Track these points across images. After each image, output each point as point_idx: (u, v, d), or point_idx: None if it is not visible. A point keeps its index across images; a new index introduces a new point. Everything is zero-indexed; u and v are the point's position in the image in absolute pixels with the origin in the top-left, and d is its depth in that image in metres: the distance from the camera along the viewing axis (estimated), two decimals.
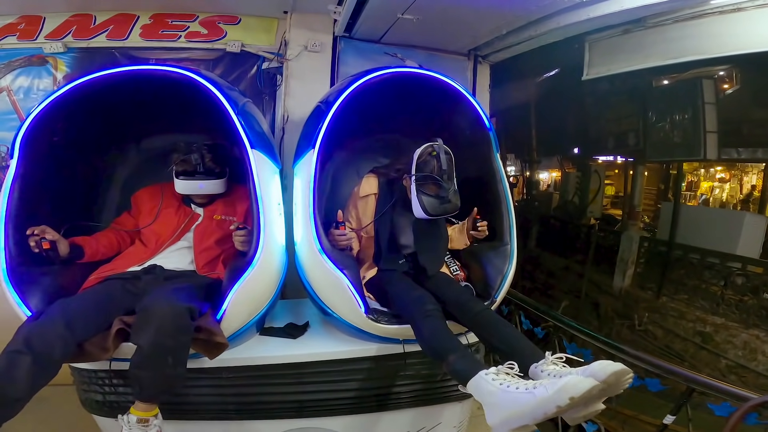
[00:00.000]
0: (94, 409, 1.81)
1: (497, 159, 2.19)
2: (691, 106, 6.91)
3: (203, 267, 1.94)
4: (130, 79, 1.81)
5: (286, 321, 2.17)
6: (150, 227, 1.97)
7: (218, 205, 2.08)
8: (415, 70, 2.14)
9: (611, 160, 11.80)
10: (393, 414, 2.05)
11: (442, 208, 1.95)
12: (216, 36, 2.87)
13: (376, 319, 1.85)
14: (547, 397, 1.21)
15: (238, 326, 1.76)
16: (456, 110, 2.25)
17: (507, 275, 2.02)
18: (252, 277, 1.69)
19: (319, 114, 1.99)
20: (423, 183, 1.95)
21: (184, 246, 1.99)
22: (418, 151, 1.98)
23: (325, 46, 2.95)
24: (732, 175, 12.04)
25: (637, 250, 7.85)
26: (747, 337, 5.76)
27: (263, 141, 1.93)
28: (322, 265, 1.82)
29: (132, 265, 1.88)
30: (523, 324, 2.93)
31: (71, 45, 2.74)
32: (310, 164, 1.90)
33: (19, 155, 1.69)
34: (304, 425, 1.96)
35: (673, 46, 2.61)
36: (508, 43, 3.01)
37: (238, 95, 1.98)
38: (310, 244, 1.85)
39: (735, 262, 6.54)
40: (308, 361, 1.91)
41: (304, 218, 1.88)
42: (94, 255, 1.88)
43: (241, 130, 1.77)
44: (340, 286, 1.81)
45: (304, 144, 2.04)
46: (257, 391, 1.88)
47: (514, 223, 2.12)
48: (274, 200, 1.88)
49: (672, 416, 1.89)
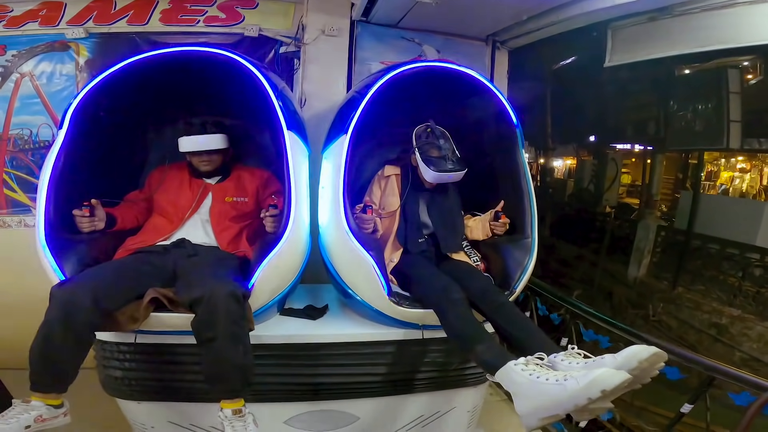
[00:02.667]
0: (113, 389, 1.83)
1: (522, 154, 2.21)
2: (715, 95, 6.77)
3: (227, 246, 1.99)
4: (173, 61, 1.89)
5: (306, 303, 2.20)
6: (167, 200, 2.03)
7: (228, 185, 2.13)
8: (445, 65, 2.18)
9: (629, 149, 11.60)
10: (408, 398, 2.07)
11: (449, 165, 2.07)
12: (234, 20, 2.87)
13: (398, 303, 1.87)
14: (578, 389, 1.21)
15: (263, 303, 1.79)
16: (483, 105, 2.28)
17: (527, 268, 2.03)
18: (281, 253, 1.73)
19: (353, 102, 2.05)
20: (425, 149, 2.12)
21: (204, 219, 2.04)
22: (414, 131, 2.19)
23: (342, 30, 2.93)
24: (753, 165, 11.77)
25: (653, 239, 7.76)
26: (762, 330, 5.68)
27: (298, 123, 2.01)
28: (349, 245, 1.86)
29: (159, 238, 1.94)
30: (539, 310, 2.93)
31: (92, 30, 2.75)
32: (342, 148, 1.95)
33: (69, 126, 1.77)
34: (320, 408, 1.99)
35: (699, 35, 2.55)
36: (528, 29, 2.95)
37: (276, 78, 2.04)
38: (338, 224, 1.89)
39: (754, 253, 6.44)
40: (327, 342, 1.94)
41: (333, 200, 1.92)
42: (123, 224, 1.94)
43: (279, 112, 1.83)
44: (366, 267, 1.84)
45: (336, 129, 2.09)
46: (275, 371, 1.91)
47: (536, 218, 2.14)
48: (304, 181, 1.94)
49: (690, 405, 1.88)
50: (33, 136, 2.75)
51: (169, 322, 1.63)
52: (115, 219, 1.89)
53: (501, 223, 2.10)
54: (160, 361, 1.79)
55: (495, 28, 3.11)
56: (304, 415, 1.98)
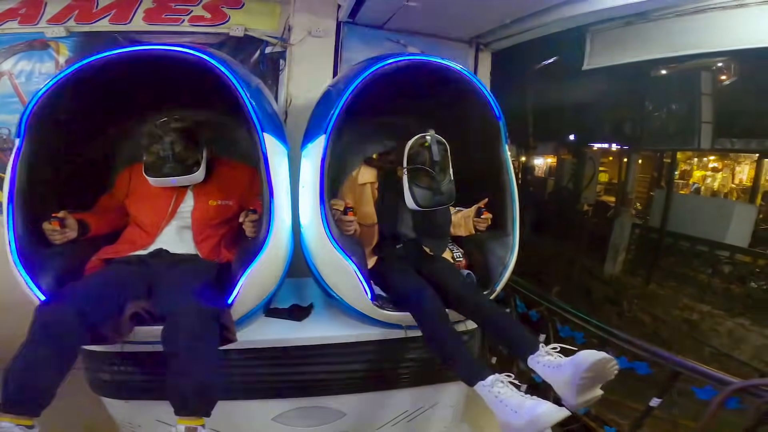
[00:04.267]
0: (102, 390, 1.82)
1: (505, 150, 2.18)
2: (688, 96, 6.92)
3: (208, 254, 1.92)
4: (138, 60, 1.76)
5: (291, 301, 2.21)
6: (141, 208, 1.93)
7: (211, 187, 1.99)
8: (428, 59, 2.08)
9: (606, 148, 11.81)
10: (393, 393, 2.10)
11: (435, 200, 1.94)
12: (219, 20, 2.85)
13: (381, 306, 1.89)
14: (524, 424, 1.39)
15: (247, 310, 1.79)
16: (467, 98, 2.20)
17: (508, 266, 2.06)
18: (262, 262, 1.71)
19: (329, 99, 1.97)
20: (415, 174, 1.93)
21: (182, 226, 1.94)
22: (410, 143, 1.95)
23: (328, 31, 2.95)
24: (724, 165, 12.12)
25: (628, 236, 7.94)
26: (732, 326, 5.84)
27: (274, 123, 1.92)
28: (331, 251, 1.83)
29: (136, 248, 1.86)
30: (518, 307, 3.01)
31: (73, 29, 2.71)
32: (319, 149, 1.87)
33: (23, 134, 1.66)
34: (307, 405, 2.01)
35: (674, 40, 2.64)
36: (511, 32, 3.02)
37: (249, 76, 1.96)
38: (318, 230, 1.85)
39: (723, 251, 6.65)
40: (312, 344, 1.95)
41: (313, 203, 1.87)
42: (98, 230, 1.86)
43: (253, 114, 1.73)
44: (348, 273, 1.83)
45: (314, 128, 2.01)
46: (261, 371, 1.92)
47: (517, 215, 2.14)
48: (284, 183, 1.88)
49: (658, 399, 1.97)
50: (12, 135, 2.68)
51: (153, 334, 1.59)
52: (88, 226, 1.80)
53: (483, 219, 2.06)
54: (147, 362, 1.77)
55: (479, 31, 3.17)
56: (291, 411, 2.00)
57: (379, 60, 1.97)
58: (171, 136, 1.77)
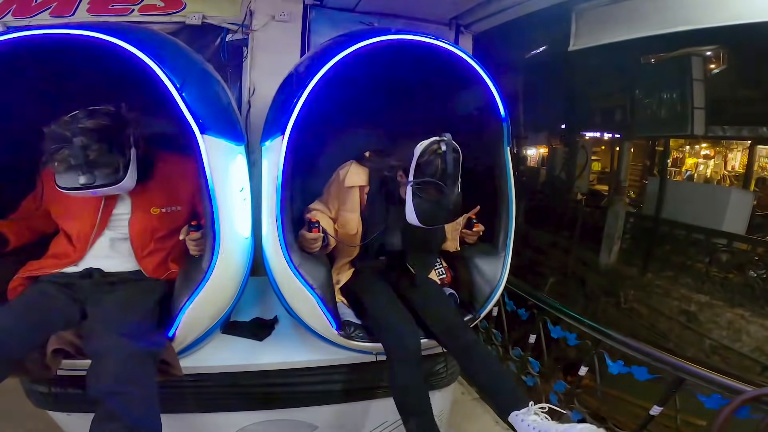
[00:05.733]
0: (41, 403, 1.65)
1: (507, 153, 1.88)
2: (679, 82, 6.88)
3: (153, 272, 1.67)
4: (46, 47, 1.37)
5: (253, 306, 2.06)
6: (64, 216, 1.64)
7: (153, 190, 1.67)
8: (422, 39, 1.68)
9: (598, 137, 11.76)
10: (370, 403, 1.94)
11: (441, 217, 1.67)
12: (174, 8, 2.62)
13: (348, 336, 1.70)
14: None
15: (196, 337, 1.60)
16: (467, 91, 1.87)
17: (497, 290, 1.84)
18: (208, 288, 1.49)
19: (290, 87, 1.63)
20: (423, 187, 1.61)
21: (116, 237, 1.65)
22: (421, 147, 1.62)
23: (294, 15, 2.75)
24: (716, 152, 12.12)
25: (623, 225, 7.84)
26: (731, 317, 5.72)
27: (224, 118, 1.61)
28: (292, 279, 1.62)
29: (63, 265, 1.60)
30: (506, 305, 2.84)
31: (11, 24, 2.47)
32: (277, 153, 1.57)
33: None
34: (274, 417, 1.85)
35: (663, 16, 2.49)
36: (491, 10, 2.83)
37: (189, 62, 1.62)
38: (277, 253, 1.62)
39: (720, 239, 6.53)
40: (274, 369, 1.77)
41: (269, 220, 1.63)
42: (20, 241, 1.61)
43: (187, 112, 1.38)
44: (310, 302, 1.63)
45: (272, 124, 1.71)
46: (219, 390, 1.75)
47: (513, 230, 1.88)
48: (234, 188, 1.60)
49: (659, 407, 1.80)
50: None
51: (84, 365, 1.36)
52: (7, 239, 1.56)
53: (474, 231, 1.85)
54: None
55: (458, 11, 2.97)
56: (256, 425, 1.83)
57: (356, 39, 1.60)
58: (82, 137, 1.36)
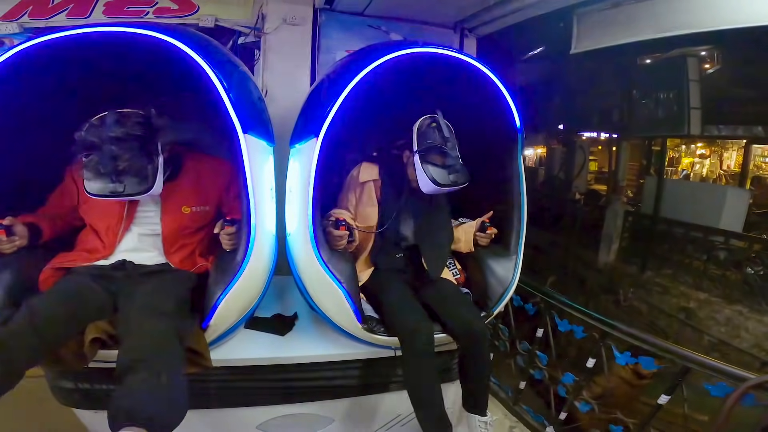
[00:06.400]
0: (66, 400, 1.69)
1: (520, 162, 1.99)
2: (675, 83, 6.89)
3: (180, 264, 1.73)
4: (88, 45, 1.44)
5: (274, 304, 2.10)
6: (93, 212, 1.68)
7: (183, 190, 1.74)
8: (446, 52, 1.78)
9: (595, 137, 11.82)
10: (384, 397, 2.00)
11: (452, 178, 1.78)
12: (188, 11, 2.70)
13: (370, 329, 1.77)
14: None
15: (225, 329, 1.65)
16: (485, 101, 1.96)
17: (509, 289, 1.94)
18: (242, 281, 1.55)
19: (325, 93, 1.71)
20: (427, 154, 1.79)
21: (144, 233, 1.70)
22: (417, 124, 1.85)
23: (305, 19, 2.81)
24: (712, 151, 12.22)
25: (621, 224, 7.89)
26: (730, 313, 5.76)
27: (258, 118, 1.67)
28: (318, 271, 1.68)
29: (95, 258, 1.65)
30: (513, 300, 2.88)
31: (28, 25, 2.54)
32: (311, 154, 1.63)
33: None
34: (293, 411, 1.91)
35: (662, 21, 2.55)
36: (495, 14, 2.90)
37: (230, 60, 1.68)
38: (306, 246, 1.68)
39: (718, 236, 6.59)
40: (295, 363, 1.83)
41: (300, 213, 1.70)
42: (53, 233, 1.67)
43: (232, 112, 1.44)
44: (336, 296, 1.70)
45: (303, 128, 1.80)
46: (241, 384, 1.81)
47: (524, 234, 1.99)
48: (267, 186, 1.67)
49: (666, 396, 1.86)
50: None
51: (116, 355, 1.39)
52: (41, 231, 1.61)
53: (487, 234, 1.97)
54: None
55: (462, 15, 3.05)
56: (276, 419, 1.89)
57: (386, 51, 1.69)
58: (112, 146, 1.39)
